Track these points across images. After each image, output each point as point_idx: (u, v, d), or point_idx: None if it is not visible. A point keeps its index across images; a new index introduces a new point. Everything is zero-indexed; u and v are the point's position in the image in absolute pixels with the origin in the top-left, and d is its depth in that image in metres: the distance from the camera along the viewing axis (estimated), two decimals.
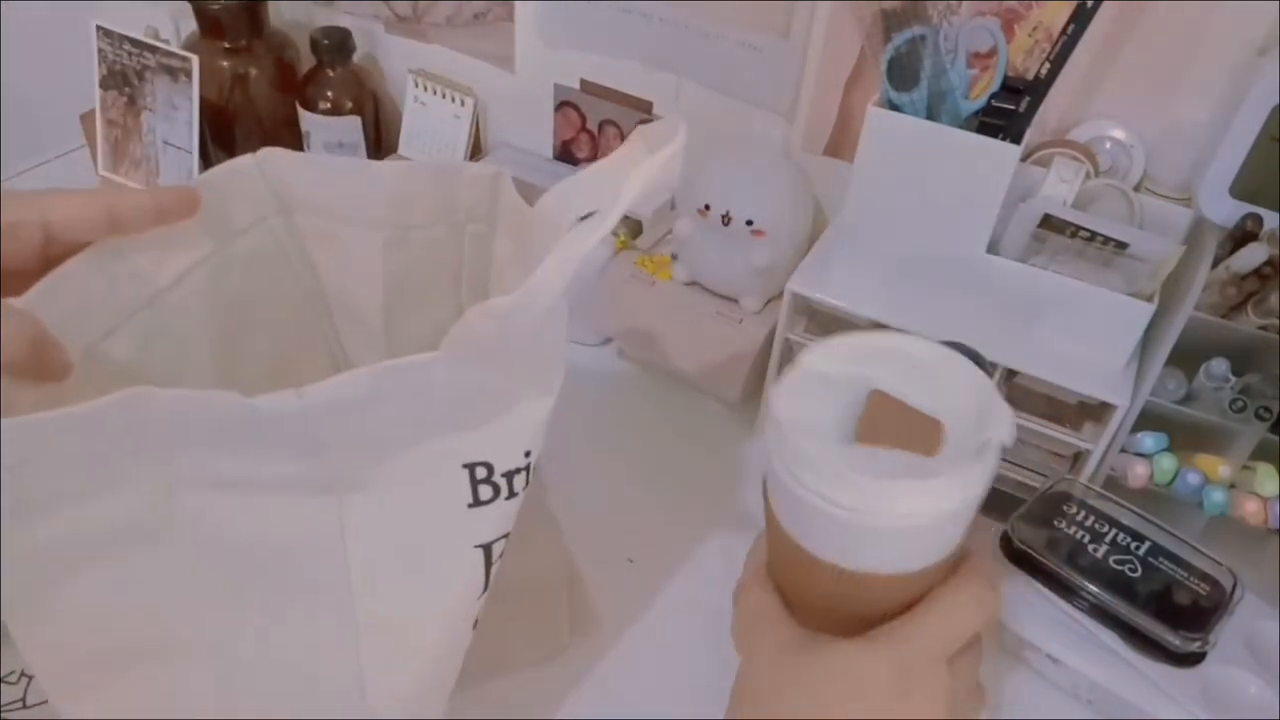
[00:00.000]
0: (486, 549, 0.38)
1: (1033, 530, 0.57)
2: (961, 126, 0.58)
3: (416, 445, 0.35)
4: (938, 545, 0.36)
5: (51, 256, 0.37)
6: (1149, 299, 0.58)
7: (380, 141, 0.94)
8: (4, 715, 0.44)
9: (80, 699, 0.35)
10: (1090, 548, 0.56)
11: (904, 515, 0.34)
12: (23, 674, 0.44)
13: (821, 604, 0.39)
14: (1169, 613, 0.53)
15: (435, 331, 0.50)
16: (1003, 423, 0.35)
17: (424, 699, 0.41)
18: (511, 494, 0.37)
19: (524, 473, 0.38)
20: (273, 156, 0.45)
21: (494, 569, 0.39)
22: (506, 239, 0.46)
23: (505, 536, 0.39)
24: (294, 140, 0.91)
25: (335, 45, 0.86)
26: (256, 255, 0.46)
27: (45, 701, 0.44)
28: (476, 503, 0.37)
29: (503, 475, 0.37)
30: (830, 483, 0.34)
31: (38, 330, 0.34)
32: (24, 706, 0.44)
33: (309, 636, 0.37)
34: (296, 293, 0.49)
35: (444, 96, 0.88)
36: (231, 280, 0.45)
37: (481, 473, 0.36)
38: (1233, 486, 0.59)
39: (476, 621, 0.41)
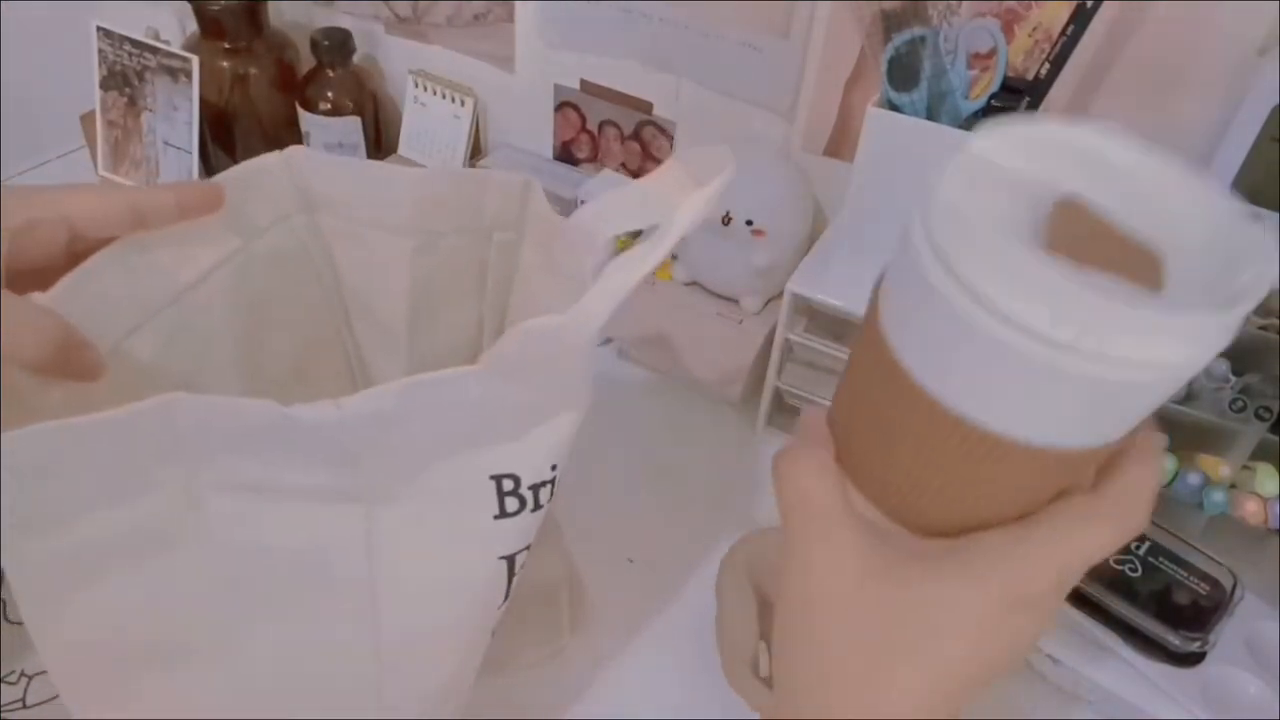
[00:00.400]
0: (510, 560, 0.38)
1: None
2: (961, 127, 0.58)
3: (448, 457, 0.35)
4: (1122, 420, 0.26)
5: (77, 253, 0.37)
6: None
7: (380, 142, 0.94)
8: (4, 715, 0.44)
9: (95, 700, 0.35)
10: None
11: (1118, 359, 0.23)
12: (22, 674, 0.44)
13: (914, 477, 0.28)
14: (1169, 613, 0.53)
15: (454, 337, 0.50)
16: (1266, 263, 0.25)
17: (440, 704, 0.41)
18: (537, 506, 0.38)
19: (549, 486, 0.38)
20: (299, 155, 0.45)
21: (515, 580, 0.39)
22: (533, 247, 0.46)
23: (527, 548, 0.39)
24: (294, 141, 0.91)
25: (335, 46, 0.86)
26: (278, 254, 0.46)
27: (45, 701, 0.44)
28: (502, 514, 0.37)
29: (529, 488, 0.37)
30: (1030, 296, 0.23)
31: (62, 328, 0.33)
32: (24, 706, 0.44)
33: (328, 643, 0.37)
34: (315, 292, 0.49)
35: (444, 97, 0.88)
36: (254, 278, 0.45)
37: (509, 485, 0.36)
38: (1233, 486, 0.59)
39: (493, 630, 0.41)
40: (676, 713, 0.54)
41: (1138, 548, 0.56)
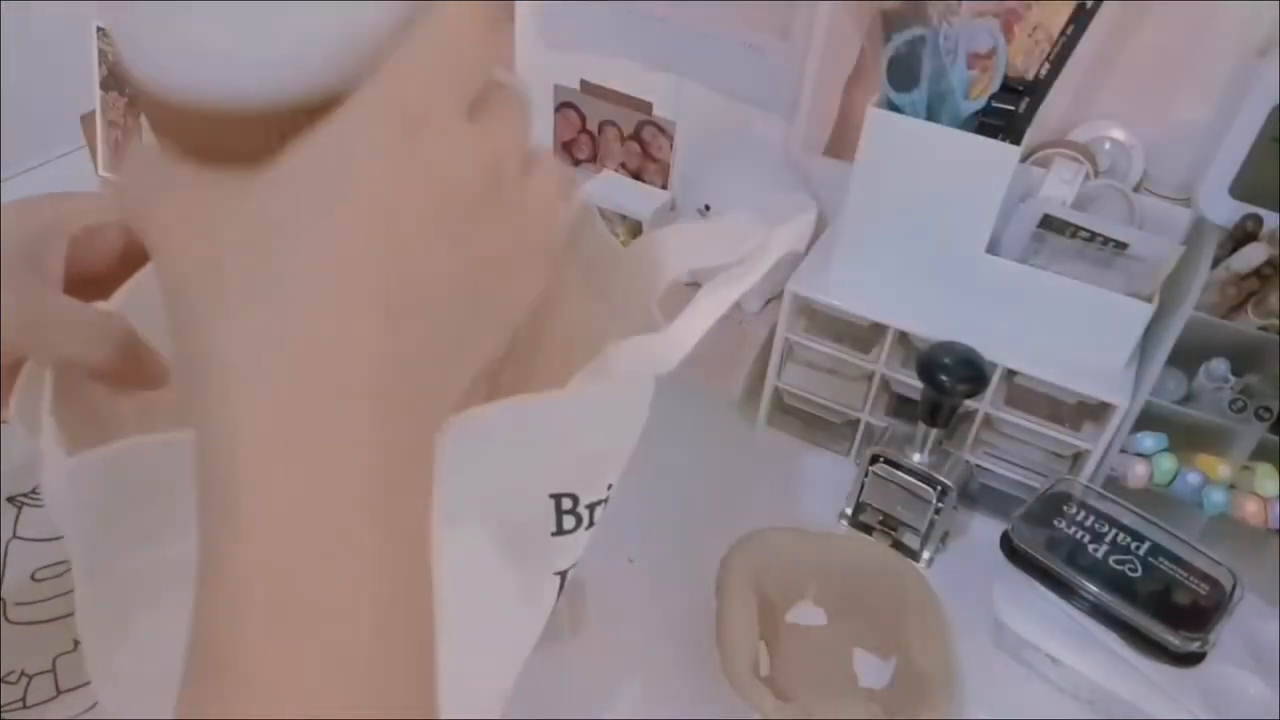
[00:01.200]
0: (563, 575, 0.38)
1: (1033, 530, 0.57)
2: (961, 127, 0.58)
3: (516, 478, 0.35)
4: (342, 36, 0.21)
5: (128, 260, 0.37)
6: (1149, 299, 0.58)
7: None
8: (4, 715, 0.44)
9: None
10: (1090, 548, 0.56)
11: None
12: (23, 674, 0.44)
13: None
14: (1169, 613, 0.53)
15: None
16: None
17: (487, 713, 0.41)
18: (591, 524, 0.38)
19: (604, 504, 0.38)
20: None
21: (563, 593, 0.39)
22: (578, 266, 0.47)
23: (576, 564, 0.39)
24: None
25: None
26: None
27: (45, 701, 0.44)
28: (560, 531, 0.37)
29: (586, 506, 0.37)
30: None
31: (128, 333, 0.33)
32: (24, 706, 0.44)
33: None
34: None
35: None
36: None
37: (567, 503, 0.37)
38: (1233, 486, 0.59)
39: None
40: (676, 713, 0.54)
41: (1138, 548, 0.56)
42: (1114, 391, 0.58)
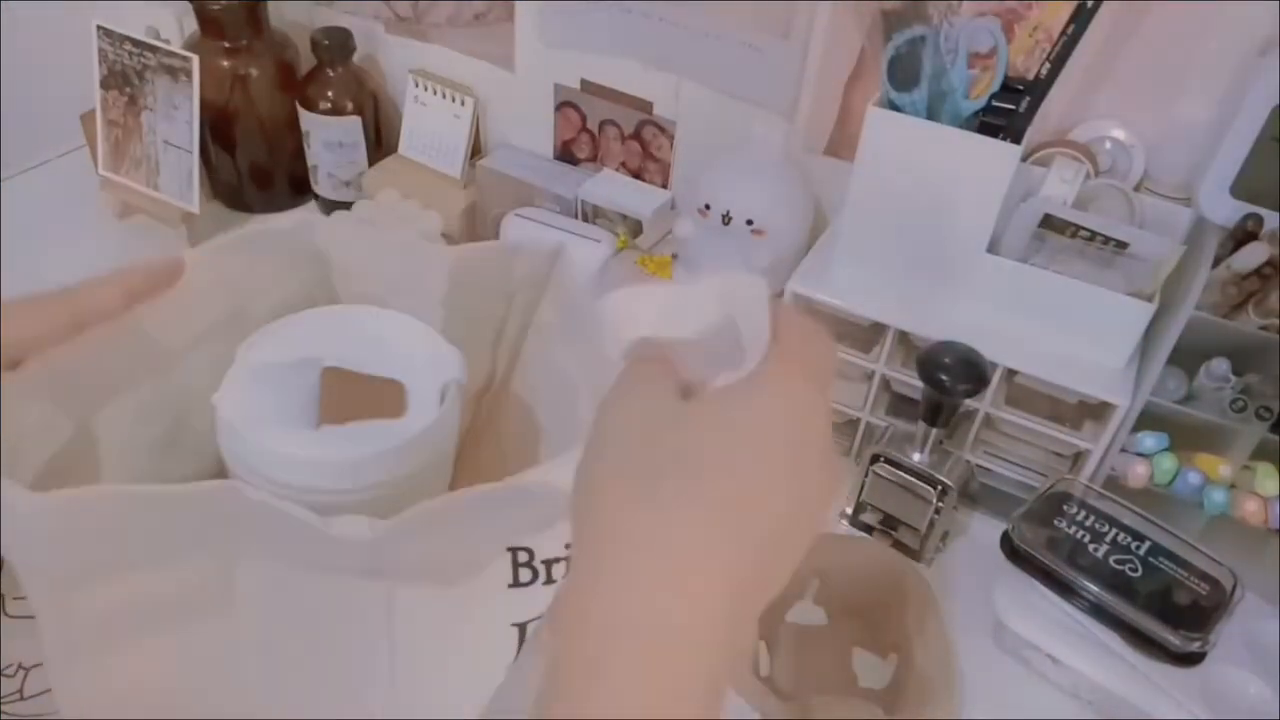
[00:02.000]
0: (521, 628, 0.39)
1: (1033, 530, 0.57)
2: (962, 126, 0.58)
3: (471, 539, 0.36)
4: (416, 498, 0.33)
5: (14, 364, 0.35)
6: (1149, 299, 0.58)
7: (380, 141, 0.94)
8: (3, 707, 0.44)
9: None
10: (1090, 548, 0.56)
11: (381, 483, 0.35)
12: (20, 666, 0.44)
13: None
14: (1169, 613, 0.53)
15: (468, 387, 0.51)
16: (453, 363, 0.39)
17: None
18: (549, 580, 0.38)
19: (563, 562, 0.38)
20: (319, 222, 0.45)
21: (524, 645, 0.39)
22: (552, 307, 0.47)
23: (539, 618, 0.39)
24: (294, 140, 0.91)
25: (336, 45, 0.86)
26: (285, 308, 0.45)
27: (43, 693, 0.44)
28: (516, 583, 0.38)
29: (542, 562, 0.38)
30: (296, 471, 0.35)
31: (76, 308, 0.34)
32: (21, 698, 0.44)
33: (346, 704, 0.37)
34: None
35: (444, 96, 0.88)
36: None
37: (523, 556, 0.37)
38: (1233, 486, 0.59)
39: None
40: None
41: (1138, 548, 0.56)
42: (1114, 391, 0.58)
